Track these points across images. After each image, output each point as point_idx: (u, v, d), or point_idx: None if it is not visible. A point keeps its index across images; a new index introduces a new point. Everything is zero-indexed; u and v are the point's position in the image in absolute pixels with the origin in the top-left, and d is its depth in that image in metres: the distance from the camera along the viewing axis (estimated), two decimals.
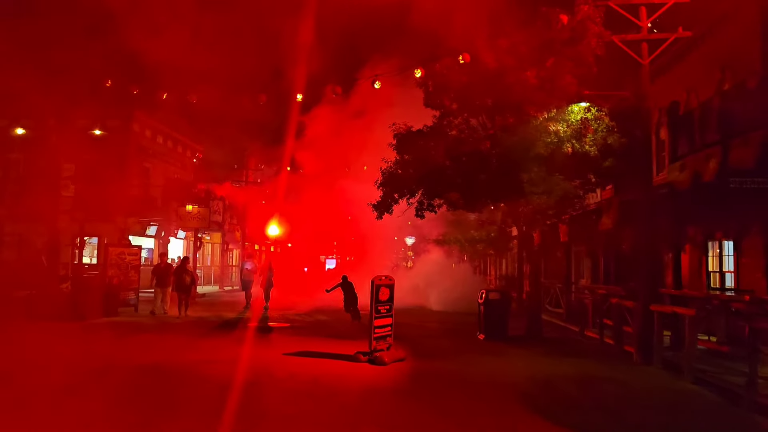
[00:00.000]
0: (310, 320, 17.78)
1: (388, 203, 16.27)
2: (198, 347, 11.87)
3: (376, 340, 10.39)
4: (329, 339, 13.50)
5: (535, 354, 12.02)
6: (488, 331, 14.01)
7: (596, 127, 11.67)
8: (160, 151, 29.92)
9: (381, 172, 16.32)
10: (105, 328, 14.72)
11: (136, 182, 26.84)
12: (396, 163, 15.52)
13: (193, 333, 14.05)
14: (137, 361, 10.08)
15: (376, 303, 10.42)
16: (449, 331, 16.10)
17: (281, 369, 9.64)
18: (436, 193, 13.28)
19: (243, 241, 32.20)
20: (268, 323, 16.62)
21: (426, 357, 11.22)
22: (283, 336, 13.88)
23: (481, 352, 12.12)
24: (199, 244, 26.66)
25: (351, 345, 12.41)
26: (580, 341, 14.25)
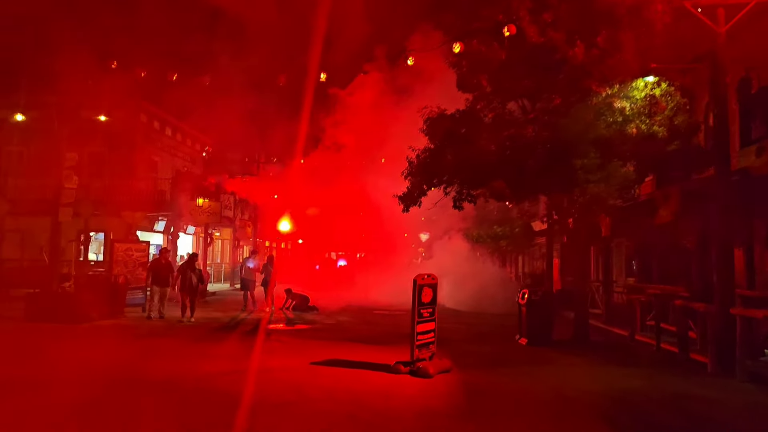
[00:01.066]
0: (330, 321, 16.34)
1: (415, 195, 14.85)
2: (212, 355, 10.45)
3: (418, 349, 8.94)
4: (357, 343, 12.07)
5: (592, 363, 10.55)
6: (531, 336, 12.55)
7: (669, 104, 10.17)
8: (168, 143, 28.51)
9: (408, 161, 14.87)
10: (110, 331, 13.33)
11: (143, 175, 25.43)
12: (425, 151, 14.06)
13: (204, 338, 12.65)
14: (146, 373, 8.67)
15: (418, 306, 8.97)
16: (483, 334, 14.64)
17: (313, 384, 8.20)
18: (478, 182, 11.77)
19: (255, 237, 30.81)
20: (286, 325, 15.19)
21: (471, 367, 9.76)
22: (305, 340, 12.45)
23: (531, 361, 10.66)
24: (210, 240, 25.24)
25: (383, 351, 11.01)
26: (632, 347, 12.77)
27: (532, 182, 11.12)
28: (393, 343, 12.30)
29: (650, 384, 8.83)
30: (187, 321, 15.03)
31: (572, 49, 11.18)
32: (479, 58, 13.15)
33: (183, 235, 28.32)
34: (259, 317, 16.69)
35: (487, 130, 11.98)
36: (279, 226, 33.43)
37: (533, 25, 11.91)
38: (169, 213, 23.89)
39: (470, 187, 12.02)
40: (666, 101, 10.18)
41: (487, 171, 11.18)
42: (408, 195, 15.01)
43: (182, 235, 28.12)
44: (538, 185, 11.36)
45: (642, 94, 10.30)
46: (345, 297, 24.80)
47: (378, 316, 18.24)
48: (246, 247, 34.37)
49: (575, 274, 13.22)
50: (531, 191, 11.72)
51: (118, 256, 17.07)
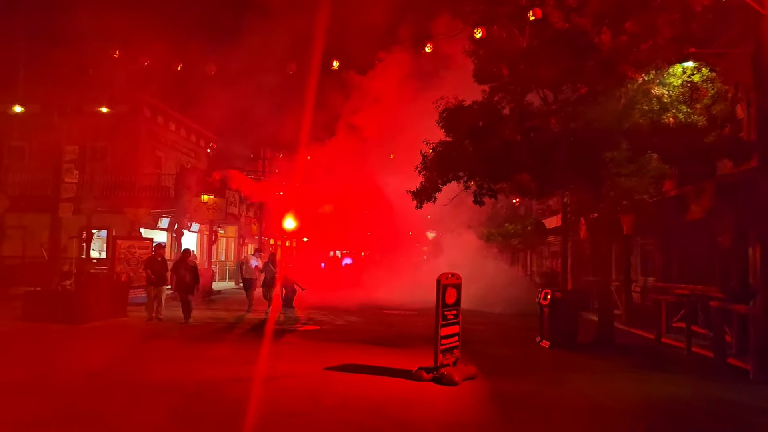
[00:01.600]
0: (340, 322, 15.65)
1: (429, 191, 14.16)
2: (217, 358, 9.76)
3: (442, 353, 8.24)
4: (370, 346, 11.39)
5: (624, 369, 9.83)
6: (554, 338, 11.84)
7: (710, 91, 9.44)
8: (172, 139, 27.87)
9: (422, 155, 14.18)
10: (110, 332, 12.67)
11: (147, 171, 24.79)
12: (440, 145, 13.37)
13: (209, 339, 11.97)
14: (146, 378, 7.99)
15: (442, 307, 8.26)
16: (500, 335, 13.94)
17: (328, 391, 7.51)
18: (501, 175, 11.05)
19: (260, 235, 30.14)
20: (295, 326, 14.50)
21: (497, 373, 9.05)
22: (315, 342, 11.76)
23: (559, 367, 9.95)
24: (214, 238, 24.58)
25: (400, 354, 10.34)
26: (660, 350, 12.05)
27: (559, 175, 10.41)
28: (409, 345, 11.63)
29: (692, 392, 8.12)
30: (185, 322, 14.07)
31: (599, 36, 10.48)
32: (499, 45, 12.48)
33: (187, 233, 27.65)
34: (265, 318, 16.02)
35: (507, 122, 11.27)
36: (284, 224, 32.83)
37: (557, 11, 11.22)
38: (173, 210, 23.22)
39: (493, 181, 11.31)
40: (708, 87, 9.45)
41: (511, 164, 10.47)
42: (422, 191, 14.34)
43: (186, 232, 27.46)
44: (565, 179, 10.64)
45: (679, 81, 9.58)
46: (353, 296, 24.12)
47: (389, 316, 17.57)
48: (250, 245, 33.72)
49: (597, 272, 12.48)
50: (557, 185, 11.00)
51: (121, 253, 16.43)
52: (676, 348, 12.05)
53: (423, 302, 22.69)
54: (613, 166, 9.91)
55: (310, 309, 18.76)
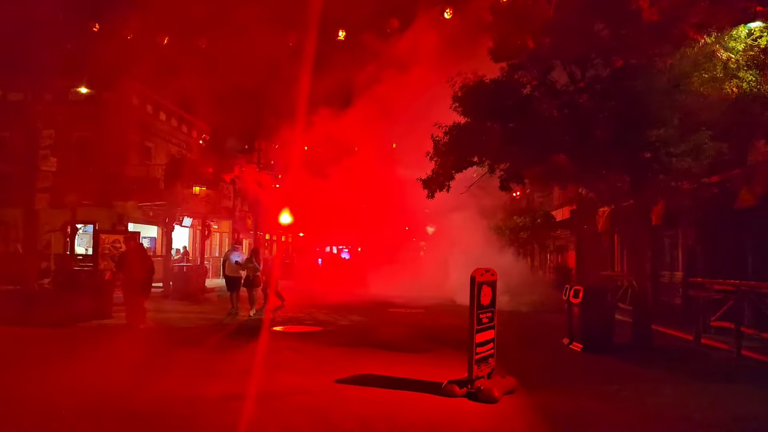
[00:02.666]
0: (344, 322, 14.26)
1: (442, 179, 12.81)
2: (212, 370, 8.34)
3: (476, 364, 6.85)
4: (383, 351, 10.00)
5: (680, 378, 8.46)
6: (588, 341, 10.49)
7: None
8: (162, 129, 26.33)
9: (433, 141, 12.83)
10: (88, 336, 11.23)
11: (136, 162, 23.27)
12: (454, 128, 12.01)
13: (199, 345, 10.56)
14: (134, 400, 6.55)
15: (477, 309, 6.87)
16: (523, 337, 12.55)
17: (343, 412, 6.11)
18: (534, 157, 9.64)
19: (255, 230, 28.67)
20: (295, 327, 13.09)
21: (536, 385, 7.66)
22: (320, 347, 10.35)
23: (604, 376, 8.58)
24: (207, 233, 23.11)
25: (418, 361, 8.96)
26: (706, 354, 10.70)
27: (602, 156, 9.03)
28: (425, 349, 10.25)
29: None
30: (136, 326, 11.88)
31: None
32: (523, 12, 11.08)
33: (179, 228, 26.16)
34: (261, 318, 14.60)
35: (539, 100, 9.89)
36: (280, 219, 31.35)
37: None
38: (164, 202, 21.72)
39: (525, 164, 9.91)
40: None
41: (546, 144, 9.09)
42: (433, 179, 13.00)
43: (178, 227, 25.97)
44: (607, 160, 9.24)
45: (742, 45, 8.21)
46: (353, 293, 22.76)
47: (395, 316, 16.18)
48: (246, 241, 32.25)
49: (625, 267, 11.12)
50: (599, 167, 9.62)
51: (104, 248, 14.97)
52: (721, 350, 10.73)
53: (427, 298, 21.37)
54: (661, 146, 8.55)
55: (310, 307, 17.38)
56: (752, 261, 11.84)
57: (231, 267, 15.19)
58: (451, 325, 14.02)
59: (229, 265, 15.26)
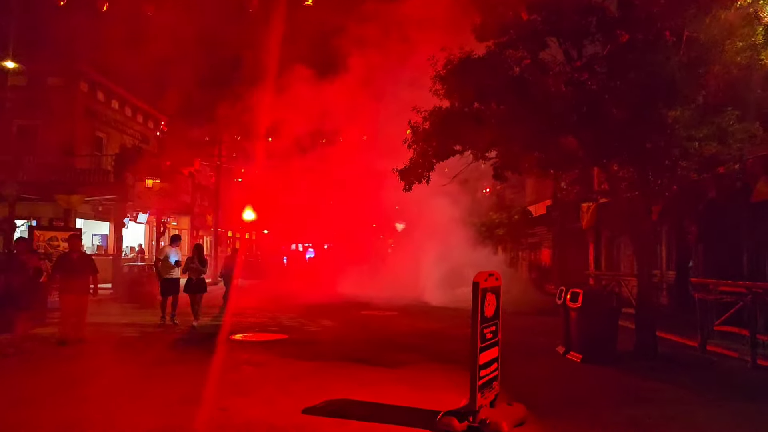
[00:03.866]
0: (312, 328, 12.79)
1: (421, 170, 11.46)
2: (147, 395, 6.77)
3: (480, 390, 5.48)
4: (358, 365, 8.57)
5: (710, 398, 7.26)
6: (588, 350, 9.27)
7: None
8: (115, 118, 24.33)
9: (411, 127, 11.46)
10: (12, 351, 9.47)
11: (85, 153, 21.28)
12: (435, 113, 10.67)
13: (144, 358, 8.98)
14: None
15: (481, 322, 5.49)
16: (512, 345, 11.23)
17: None
18: (539, 140, 8.27)
19: (216, 227, 26.87)
20: (257, 335, 11.56)
21: (546, 410, 6.34)
22: (286, 360, 8.86)
23: (618, 395, 7.32)
24: (163, 229, 21.29)
25: (401, 379, 7.57)
26: (719, 364, 9.58)
27: (619, 138, 7.76)
28: (405, 363, 8.86)
29: None
30: (61, 343, 9.71)
31: None
32: None
33: (134, 225, 24.23)
34: (220, 324, 13.02)
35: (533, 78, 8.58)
36: (243, 215, 29.68)
37: None
38: (113, 196, 19.82)
39: (524, 149, 8.57)
40: None
41: (552, 124, 7.78)
42: (411, 169, 11.64)
43: (132, 224, 24.04)
44: (624, 143, 7.96)
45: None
46: (321, 293, 21.27)
47: (368, 319, 14.78)
48: (207, 238, 30.33)
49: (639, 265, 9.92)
50: (613, 151, 8.31)
51: (40, 247, 13.14)
52: (730, 359, 9.66)
53: (399, 299, 20.03)
54: (681, 128, 7.34)
55: (275, 310, 15.85)
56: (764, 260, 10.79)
57: (168, 267, 12.31)
58: (430, 331, 12.71)
59: (165, 265, 12.32)
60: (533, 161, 8.92)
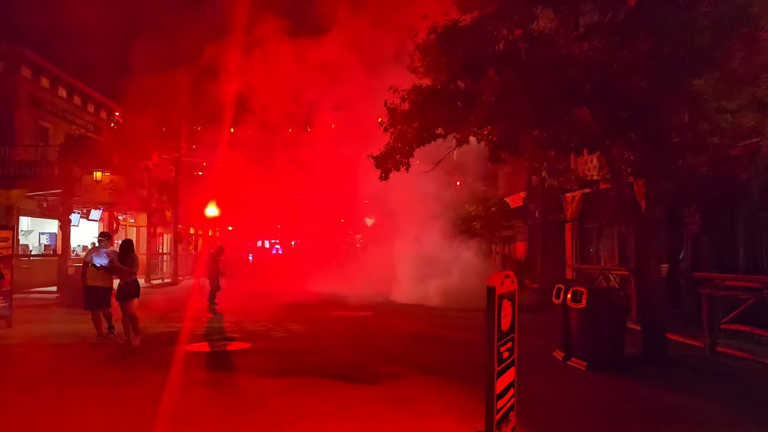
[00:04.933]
0: (279, 334, 11.39)
1: (399, 156, 10.25)
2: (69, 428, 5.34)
3: (498, 426, 4.21)
4: (335, 382, 7.24)
5: (731, 406, 6.20)
6: (592, 355, 8.14)
7: None
8: (63, 107, 22.34)
9: (387, 109, 10.22)
10: None
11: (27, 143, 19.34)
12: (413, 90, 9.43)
13: (80, 373, 7.47)
14: None
15: (498, 339, 4.22)
16: None
17: None
18: (547, 114, 6.97)
19: (175, 224, 25.11)
20: (217, 344, 10.12)
21: None
22: (250, 377, 7.46)
23: (645, 412, 6.17)
24: (116, 226, 19.52)
25: (388, 402, 6.28)
26: (731, 367, 8.57)
27: (644, 110, 6.57)
28: (388, 376, 7.55)
29: None
30: None
31: None
32: None
33: (85, 222, 22.35)
34: (177, 329, 11.55)
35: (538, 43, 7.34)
36: (206, 211, 27.99)
37: None
38: (58, 191, 17.98)
39: (530, 125, 7.30)
40: None
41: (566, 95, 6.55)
42: (388, 155, 10.40)
43: (85, 221, 22.16)
44: (649, 115, 6.76)
45: None
46: (288, 292, 19.89)
47: (340, 322, 13.47)
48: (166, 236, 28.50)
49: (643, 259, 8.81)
50: (634, 125, 7.09)
51: None
52: (744, 361, 8.70)
53: (370, 297, 18.77)
54: (711, 100, 6.22)
55: (238, 312, 14.39)
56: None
57: (94, 274, 9.78)
58: (411, 334, 11.46)
59: (90, 271, 9.80)
60: (535, 140, 7.68)
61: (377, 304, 17.37)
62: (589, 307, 8.14)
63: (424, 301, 17.37)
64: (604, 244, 16.94)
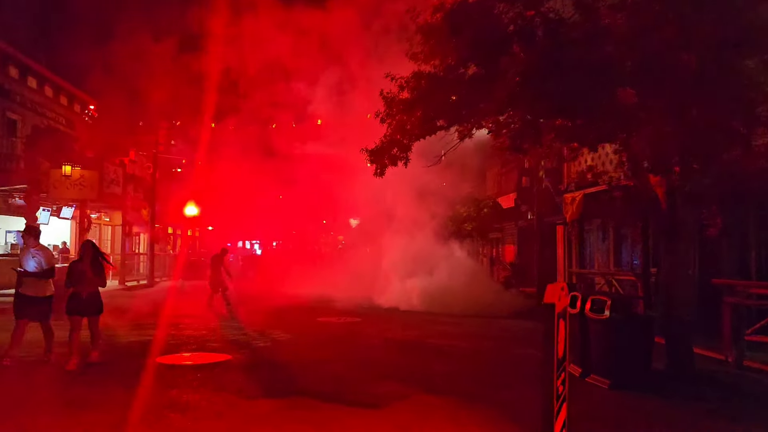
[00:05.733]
0: (262, 343, 10.30)
1: (397, 149, 9.34)
2: None
3: None
4: (328, 406, 6.21)
5: None
6: (616, 372, 7.22)
7: None
8: (33, 99, 20.95)
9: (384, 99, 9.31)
10: None
11: None
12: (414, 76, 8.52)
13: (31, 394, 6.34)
14: None
15: (556, 369, 3.24)
16: (504, 362, 9.16)
17: None
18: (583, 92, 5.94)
19: (152, 223, 23.80)
20: (194, 354, 9.01)
21: None
22: (224, 401, 6.39)
23: None
24: (87, 224, 18.22)
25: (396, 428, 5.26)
26: (763, 383, 7.72)
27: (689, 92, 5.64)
28: (391, 398, 6.53)
29: None
30: None
31: None
32: None
33: (55, 220, 20.98)
34: (150, 337, 10.42)
35: None
36: (185, 210, 26.74)
37: None
38: (24, 186, 16.65)
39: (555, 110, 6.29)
40: None
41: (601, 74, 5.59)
42: (384, 148, 9.45)
43: (54, 219, 20.79)
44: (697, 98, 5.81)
45: None
46: (270, 294, 18.81)
47: (328, 329, 12.44)
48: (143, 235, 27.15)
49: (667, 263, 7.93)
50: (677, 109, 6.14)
51: None
52: None
53: (356, 300, 17.74)
54: None
55: (216, 319, 13.27)
56: None
57: (28, 281, 7.91)
58: (406, 344, 10.48)
59: (23, 278, 7.91)
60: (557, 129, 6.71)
61: (364, 308, 16.37)
62: (613, 319, 7.22)
63: (413, 305, 16.38)
64: (600, 248, 16.16)
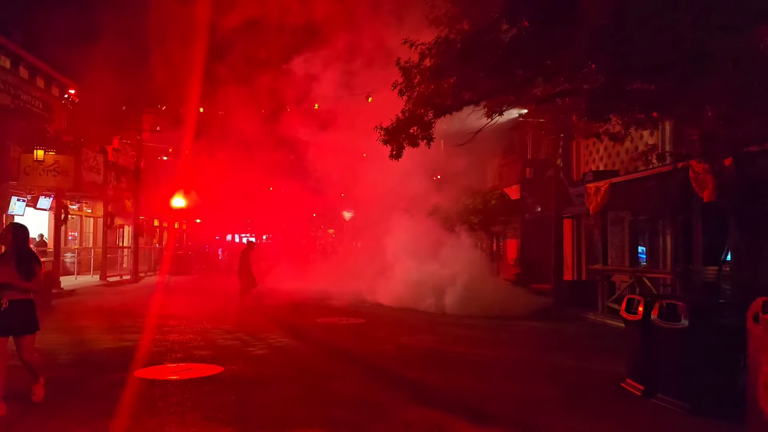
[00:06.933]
0: (259, 351, 8.86)
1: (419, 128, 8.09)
2: None
3: None
4: None
5: None
6: (696, 394, 5.86)
7: None
8: (6, 80, 19.17)
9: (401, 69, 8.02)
10: None
11: None
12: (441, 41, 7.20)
13: None
14: None
15: None
16: (542, 374, 7.76)
17: None
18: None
19: (136, 214, 22.19)
20: (179, 366, 7.55)
21: None
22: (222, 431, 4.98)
23: None
24: (64, 215, 16.62)
25: None
26: None
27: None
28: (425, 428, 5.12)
29: None
30: None
31: None
32: None
33: (32, 211, 19.33)
34: (130, 342, 8.94)
35: None
36: (172, 202, 25.18)
37: None
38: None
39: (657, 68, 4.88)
40: None
41: None
42: (403, 125, 8.16)
43: (30, 210, 19.14)
44: None
45: None
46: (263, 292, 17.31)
47: (330, 332, 11.03)
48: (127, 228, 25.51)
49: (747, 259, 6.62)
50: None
51: None
52: None
53: (355, 298, 16.41)
54: None
55: (207, 319, 11.81)
56: None
57: None
58: (424, 352, 9.11)
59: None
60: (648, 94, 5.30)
61: (366, 307, 15.00)
62: (693, 328, 5.86)
63: (417, 304, 14.90)
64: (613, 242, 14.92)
